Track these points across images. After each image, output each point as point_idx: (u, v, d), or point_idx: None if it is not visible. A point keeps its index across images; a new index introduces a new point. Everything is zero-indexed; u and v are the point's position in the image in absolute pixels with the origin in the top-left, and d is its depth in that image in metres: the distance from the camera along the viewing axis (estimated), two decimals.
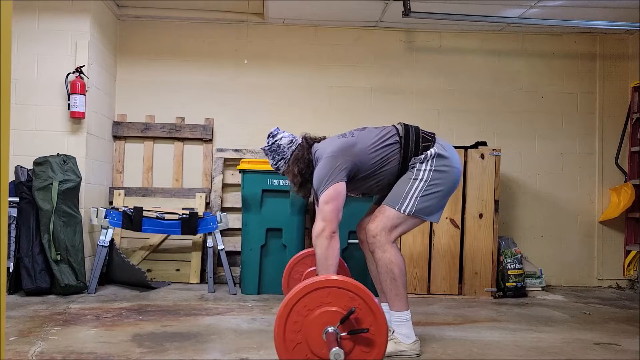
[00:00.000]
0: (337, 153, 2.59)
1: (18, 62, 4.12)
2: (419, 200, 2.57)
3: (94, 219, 4.05)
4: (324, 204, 2.51)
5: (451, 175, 2.65)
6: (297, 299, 2.05)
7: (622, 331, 3.23)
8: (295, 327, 2.05)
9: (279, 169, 2.84)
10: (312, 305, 2.05)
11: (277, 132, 2.84)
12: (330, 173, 2.54)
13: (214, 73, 4.96)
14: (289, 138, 2.82)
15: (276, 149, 2.80)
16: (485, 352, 2.69)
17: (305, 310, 2.05)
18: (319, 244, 2.47)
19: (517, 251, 4.47)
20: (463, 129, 5.02)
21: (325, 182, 2.53)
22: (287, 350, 2.05)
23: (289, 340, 2.05)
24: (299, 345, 2.05)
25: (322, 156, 2.63)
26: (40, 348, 2.54)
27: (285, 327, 2.04)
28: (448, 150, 2.69)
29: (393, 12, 4.55)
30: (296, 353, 2.06)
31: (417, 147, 2.64)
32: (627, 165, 5.01)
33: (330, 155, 2.59)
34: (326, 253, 2.47)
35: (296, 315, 2.05)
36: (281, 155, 2.80)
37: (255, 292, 4.10)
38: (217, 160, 4.83)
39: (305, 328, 2.05)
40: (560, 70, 5.12)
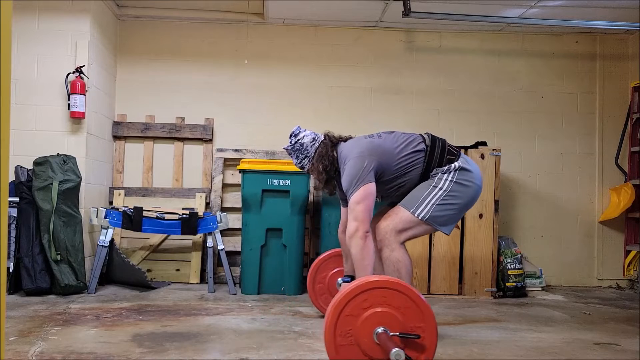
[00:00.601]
0: (364, 153, 2.61)
1: (18, 62, 4.12)
2: (435, 207, 2.58)
3: (94, 219, 4.05)
4: (355, 204, 2.52)
5: (471, 190, 2.66)
6: (344, 303, 2.05)
7: (622, 331, 3.23)
8: (345, 330, 2.05)
9: (304, 167, 2.85)
10: (360, 308, 2.06)
11: (299, 131, 2.85)
12: (360, 174, 2.55)
13: (214, 73, 4.96)
14: (311, 136, 2.83)
15: (299, 147, 2.81)
16: (485, 352, 2.69)
17: (353, 314, 2.05)
18: (354, 245, 2.49)
19: (517, 251, 4.47)
20: (463, 129, 5.02)
21: (355, 183, 2.54)
22: (338, 354, 2.05)
23: (339, 344, 2.05)
24: (350, 348, 2.06)
25: (349, 156, 2.64)
26: (40, 348, 2.54)
27: (335, 332, 2.05)
28: (472, 166, 2.71)
29: (393, 12, 4.55)
30: (348, 356, 2.06)
31: (442, 159, 2.66)
32: (627, 165, 5.01)
33: (358, 156, 2.60)
34: (362, 253, 2.48)
35: (345, 319, 2.05)
36: (305, 154, 2.81)
37: (255, 292, 4.10)
38: (217, 160, 4.83)
39: (355, 331, 2.05)
40: (560, 70, 5.12)
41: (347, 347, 2.06)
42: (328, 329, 2.05)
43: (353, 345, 2.06)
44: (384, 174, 2.63)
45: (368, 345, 2.05)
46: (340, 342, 2.05)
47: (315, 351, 2.63)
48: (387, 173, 2.64)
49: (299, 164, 2.86)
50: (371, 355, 2.05)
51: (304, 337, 2.87)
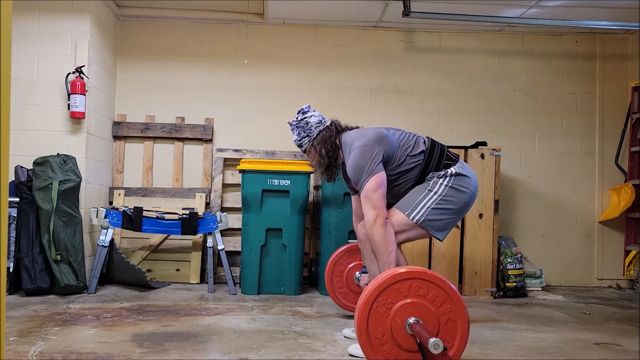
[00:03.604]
0: (372, 142, 2.60)
1: (18, 62, 4.12)
2: (430, 211, 2.57)
3: (94, 219, 4.05)
4: (372, 192, 2.52)
5: (466, 196, 2.66)
6: (374, 296, 2.06)
7: (622, 331, 3.23)
8: (377, 323, 2.06)
9: (302, 146, 2.84)
10: (390, 300, 2.07)
11: (308, 109, 2.84)
12: (370, 161, 2.55)
13: (214, 73, 4.96)
14: (318, 118, 2.82)
15: (304, 125, 2.80)
16: (485, 352, 2.69)
17: (384, 307, 2.06)
18: (376, 233, 2.48)
19: (517, 251, 4.47)
20: (463, 129, 5.02)
21: (367, 171, 2.54)
22: (372, 347, 2.06)
23: (372, 337, 2.06)
24: (384, 340, 2.06)
25: (356, 144, 2.63)
26: (40, 348, 2.54)
27: (368, 326, 2.05)
28: (468, 172, 2.70)
29: (393, 12, 4.55)
30: (381, 349, 2.07)
31: (439, 164, 2.66)
32: (627, 165, 5.01)
33: (366, 144, 2.60)
34: (385, 241, 2.48)
35: (376, 312, 2.06)
36: (307, 133, 2.80)
37: (255, 292, 4.10)
38: (217, 160, 4.83)
39: (387, 323, 2.06)
40: (560, 70, 5.12)
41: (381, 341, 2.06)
42: (360, 325, 2.05)
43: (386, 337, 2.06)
44: (386, 168, 2.63)
45: (402, 337, 2.06)
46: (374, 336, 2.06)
47: (315, 351, 2.63)
48: (388, 168, 2.64)
49: (298, 142, 2.84)
50: (405, 346, 2.06)
51: (304, 337, 2.87)
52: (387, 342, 2.07)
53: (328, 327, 3.11)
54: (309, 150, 2.82)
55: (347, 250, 3.37)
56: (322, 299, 4.01)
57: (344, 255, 3.36)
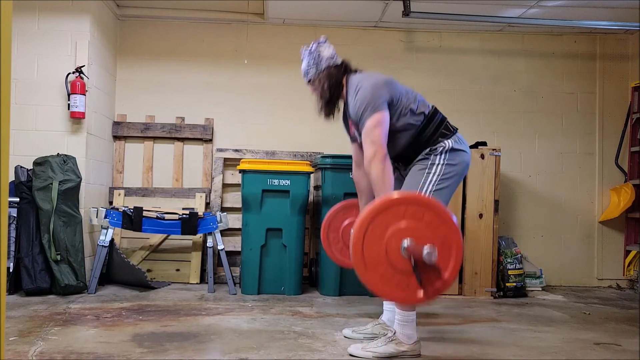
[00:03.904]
0: (381, 83, 2.61)
1: (18, 62, 4.12)
2: (432, 194, 2.57)
3: (94, 219, 4.05)
4: (373, 128, 2.51)
5: (461, 168, 2.66)
6: (370, 219, 2.07)
7: (622, 331, 3.23)
8: (372, 246, 2.07)
9: (307, 74, 2.83)
10: (386, 224, 2.08)
11: (324, 41, 2.84)
12: (375, 99, 2.54)
13: (214, 73, 4.96)
14: (332, 53, 2.81)
15: (315, 55, 2.79)
16: (485, 352, 2.69)
17: (379, 230, 2.07)
18: (374, 168, 2.48)
19: (517, 251, 4.47)
20: (463, 129, 4.93)
21: (371, 107, 2.53)
22: (367, 268, 2.08)
23: (367, 258, 2.08)
24: (379, 262, 2.08)
25: (363, 84, 2.62)
26: (40, 348, 2.54)
27: (363, 247, 2.07)
28: (463, 146, 2.71)
29: (393, 12, 4.55)
30: (377, 270, 2.08)
31: (436, 131, 2.65)
32: (627, 165, 5.01)
33: (375, 84, 2.60)
34: (382, 176, 2.47)
35: (371, 235, 2.07)
36: (315, 62, 2.78)
37: (255, 292, 4.10)
38: (217, 160, 4.83)
39: (382, 246, 2.08)
40: (560, 70, 5.12)
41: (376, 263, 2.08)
42: (355, 247, 2.07)
43: (381, 260, 2.08)
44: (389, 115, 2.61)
45: (396, 258, 2.08)
46: (369, 258, 2.07)
47: (315, 351, 2.63)
48: (391, 117, 2.61)
49: (304, 69, 2.83)
50: (400, 268, 2.08)
51: (304, 337, 2.87)
52: (382, 263, 2.09)
53: (328, 327, 3.11)
54: (314, 80, 2.81)
55: (343, 206, 3.31)
56: (322, 299, 4.01)
57: (341, 212, 3.30)
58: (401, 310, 2.57)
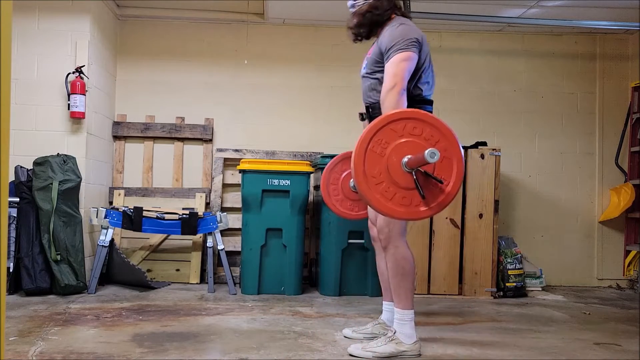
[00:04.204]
0: (421, 35, 2.60)
1: (18, 62, 4.12)
2: None
3: (94, 219, 4.05)
4: (400, 61, 2.49)
5: None
6: (370, 136, 2.08)
7: (622, 331, 3.23)
8: (374, 163, 2.08)
9: (354, 7, 2.81)
10: (386, 140, 2.09)
11: None
12: (414, 40, 2.53)
13: (214, 73, 4.96)
14: None
15: None
16: (485, 352, 2.69)
17: (380, 147, 2.08)
18: (389, 99, 2.45)
19: (517, 251, 4.47)
20: (463, 129, 5.01)
21: (406, 43, 2.50)
22: (369, 186, 2.08)
23: (369, 176, 2.08)
24: (381, 179, 2.09)
25: (408, 23, 2.62)
26: (40, 348, 2.54)
27: (365, 165, 2.07)
28: None
29: None
30: (379, 187, 2.09)
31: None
32: (627, 165, 5.01)
33: (417, 30, 2.59)
34: (396, 107, 2.43)
35: (372, 152, 2.08)
36: None
37: (255, 292, 4.10)
38: (217, 160, 4.83)
39: (383, 162, 2.09)
40: (560, 70, 5.12)
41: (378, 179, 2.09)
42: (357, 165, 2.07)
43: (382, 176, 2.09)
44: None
45: (398, 175, 2.09)
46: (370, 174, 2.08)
47: (315, 351, 2.63)
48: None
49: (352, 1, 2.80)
50: (402, 184, 2.09)
51: (304, 337, 2.87)
52: (384, 180, 2.10)
53: (328, 327, 3.11)
54: (360, 12, 2.76)
55: (342, 157, 3.29)
56: (322, 299, 4.01)
57: (339, 163, 3.28)
58: (399, 309, 2.57)
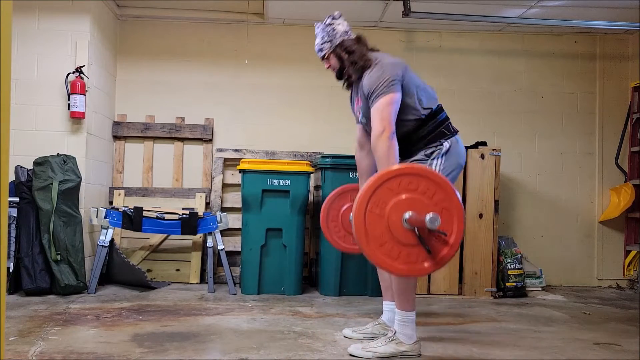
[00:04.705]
0: (398, 65, 2.62)
1: (18, 62, 4.12)
2: None
3: (94, 219, 4.05)
4: (385, 106, 2.52)
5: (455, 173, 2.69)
6: (367, 198, 2.07)
7: (622, 331, 3.23)
8: (374, 225, 2.07)
9: (322, 51, 2.81)
10: (384, 200, 2.07)
11: (339, 16, 2.82)
12: (391, 78, 2.55)
13: (214, 73, 4.96)
14: (346, 28, 2.79)
15: (329, 31, 2.78)
16: (485, 352, 2.69)
17: (378, 207, 2.07)
18: (380, 145, 2.49)
19: (517, 251, 4.47)
20: (463, 129, 4.94)
21: (386, 85, 2.53)
22: (373, 248, 2.07)
23: (372, 238, 2.07)
24: (384, 240, 2.07)
25: (382, 60, 2.63)
26: (40, 348, 2.54)
27: (366, 228, 2.06)
28: (460, 146, 2.73)
29: (393, 12, 4.55)
30: (383, 248, 2.08)
31: (435, 130, 2.66)
32: (627, 165, 5.01)
33: (393, 63, 2.61)
34: (388, 153, 2.48)
35: (371, 214, 2.07)
36: (330, 38, 2.76)
37: (255, 292, 4.10)
38: (217, 160, 4.83)
39: (384, 222, 2.07)
40: (560, 70, 5.12)
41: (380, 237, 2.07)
42: (358, 230, 2.05)
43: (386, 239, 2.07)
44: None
45: (400, 232, 2.07)
46: (373, 238, 2.07)
47: (315, 351, 2.63)
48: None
49: (319, 46, 2.81)
50: (406, 241, 2.08)
51: (304, 337, 2.87)
52: (387, 240, 2.08)
53: (328, 327, 3.11)
54: (328, 56, 2.80)
55: (337, 194, 3.29)
56: (322, 299, 4.01)
57: (336, 200, 3.28)
58: (401, 310, 2.57)
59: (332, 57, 2.79)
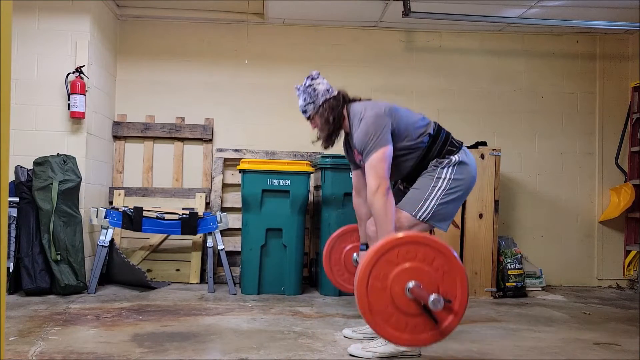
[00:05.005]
0: (384, 113, 2.61)
1: (18, 62, 4.12)
2: (436, 207, 2.60)
3: (94, 219, 4.05)
4: (378, 162, 2.53)
5: (467, 183, 2.69)
6: (367, 274, 2.06)
7: (622, 331, 3.23)
8: (378, 299, 2.06)
9: (306, 112, 2.81)
10: (384, 273, 2.06)
11: (317, 76, 2.82)
12: (378, 132, 2.55)
13: (214, 73, 4.96)
14: (326, 86, 2.79)
15: (311, 92, 2.78)
16: (485, 352, 2.69)
17: (379, 281, 2.06)
18: (377, 201, 2.49)
19: (517, 251, 4.47)
20: (463, 129, 5.01)
21: (375, 141, 2.54)
22: (379, 322, 2.06)
23: (377, 313, 2.05)
24: (389, 313, 2.06)
25: (366, 114, 2.62)
26: (40, 348, 2.54)
27: (370, 303, 2.05)
28: (469, 158, 2.73)
29: (393, 12, 4.55)
30: (390, 321, 2.07)
31: (442, 149, 2.67)
32: (627, 165, 5.01)
33: (378, 115, 2.60)
34: (385, 209, 2.49)
35: (373, 288, 2.06)
36: (313, 99, 2.76)
37: (255, 292, 4.10)
38: (217, 160, 4.83)
39: (387, 295, 2.06)
40: (560, 70, 5.12)
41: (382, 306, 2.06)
42: (362, 306, 2.04)
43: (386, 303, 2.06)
44: (392, 141, 2.61)
45: (402, 302, 2.06)
46: (378, 312, 2.05)
47: (315, 351, 2.63)
48: (394, 143, 2.62)
49: (302, 108, 2.81)
50: (412, 312, 2.06)
51: (304, 337, 2.87)
52: (393, 313, 2.07)
53: (328, 327, 3.11)
54: (313, 117, 2.79)
55: (338, 236, 3.31)
56: (322, 299, 4.01)
57: (337, 242, 3.31)
58: None
59: (317, 117, 2.78)
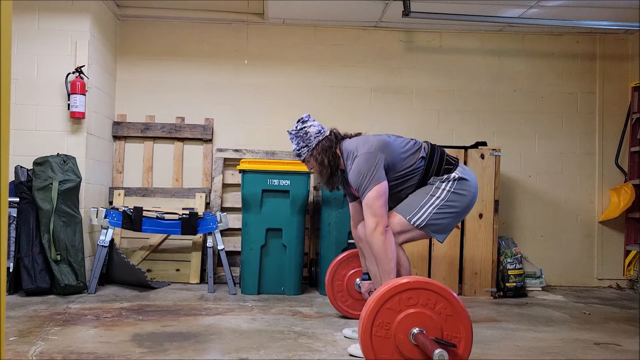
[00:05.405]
0: (375, 149, 2.61)
1: (18, 62, 4.12)
2: (432, 215, 2.60)
3: (94, 219, 4.05)
4: (373, 200, 2.53)
5: (467, 199, 2.68)
6: (370, 324, 2.05)
7: (622, 331, 3.23)
8: (383, 348, 2.06)
9: (300, 155, 2.83)
10: (387, 321, 2.06)
11: (307, 119, 2.84)
12: (373, 169, 2.55)
13: (214, 73, 4.96)
14: (317, 128, 2.81)
15: (303, 135, 2.79)
16: (485, 352, 2.69)
17: (383, 330, 2.06)
18: (376, 241, 2.50)
19: (517, 251, 4.47)
20: (463, 129, 5.02)
21: (370, 178, 2.54)
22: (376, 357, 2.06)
23: (378, 352, 2.05)
24: (390, 354, 2.06)
25: (359, 151, 2.64)
26: (40, 348, 2.54)
27: (375, 353, 2.05)
28: (469, 175, 2.72)
29: (393, 12, 4.55)
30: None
31: (439, 169, 2.68)
32: (627, 165, 5.01)
33: (370, 152, 2.61)
34: (385, 248, 2.49)
35: (377, 338, 2.06)
36: (306, 143, 2.78)
37: (255, 292, 4.10)
38: (217, 160, 4.83)
39: (392, 343, 2.05)
40: (560, 70, 5.12)
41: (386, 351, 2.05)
42: (367, 356, 2.05)
43: (390, 349, 2.05)
44: (387, 174, 2.63)
45: (410, 350, 2.05)
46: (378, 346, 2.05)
47: (315, 351, 2.63)
48: (389, 175, 2.64)
49: (297, 151, 2.84)
50: (410, 356, 2.06)
51: (304, 337, 2.87)
52: (393, 353, 2.06)
53: (328, 327, 3.11)
54: (308, 160, 2.82)
55: (338, 263, 3.36)
56: (322, 299, 4.01)
57: (346, 260, 3.36)
58: None
59: (312, 160, 2.79)
